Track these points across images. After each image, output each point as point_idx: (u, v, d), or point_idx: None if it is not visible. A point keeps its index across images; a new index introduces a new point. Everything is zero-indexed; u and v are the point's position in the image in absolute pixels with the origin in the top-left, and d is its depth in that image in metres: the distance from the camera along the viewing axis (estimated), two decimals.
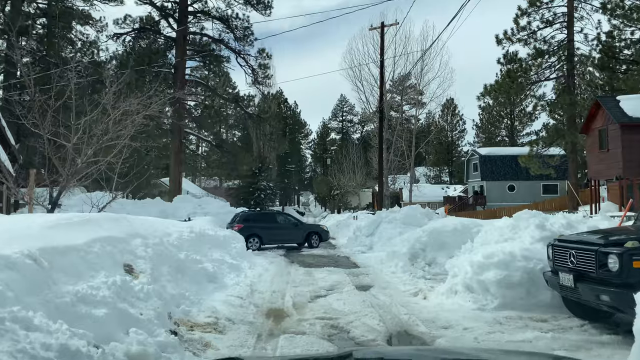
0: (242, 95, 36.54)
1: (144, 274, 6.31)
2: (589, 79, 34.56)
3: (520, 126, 57.72)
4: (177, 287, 6.94)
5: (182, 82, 34.43)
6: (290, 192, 75.67)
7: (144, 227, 8.08)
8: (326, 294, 8.98)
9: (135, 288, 5.61)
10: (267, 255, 16.19)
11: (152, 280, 6.24)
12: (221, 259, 10.01)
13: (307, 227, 21.47)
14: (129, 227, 7.45)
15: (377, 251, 17.01)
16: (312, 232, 20.64)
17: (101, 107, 10.86)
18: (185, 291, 7.06)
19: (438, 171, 67.49)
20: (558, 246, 6.44)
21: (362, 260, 14.92)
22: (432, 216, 18.36)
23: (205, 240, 10.24)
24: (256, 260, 13.05)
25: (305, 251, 18.71)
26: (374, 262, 13.71)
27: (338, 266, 13.45)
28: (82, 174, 10.44)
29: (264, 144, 38.07)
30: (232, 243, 11.85)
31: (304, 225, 21.49)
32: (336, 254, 17.37)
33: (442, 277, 10.93)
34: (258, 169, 43.82)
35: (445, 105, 54.66)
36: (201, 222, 13.13)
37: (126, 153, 11.45)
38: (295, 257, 16.33)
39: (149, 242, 7.28)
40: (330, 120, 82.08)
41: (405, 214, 18.11)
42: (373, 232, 18.41)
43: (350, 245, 18.99)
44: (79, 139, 9.98)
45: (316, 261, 15.01)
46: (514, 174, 44.60)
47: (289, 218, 21.59)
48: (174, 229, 9.39)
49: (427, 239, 11.99)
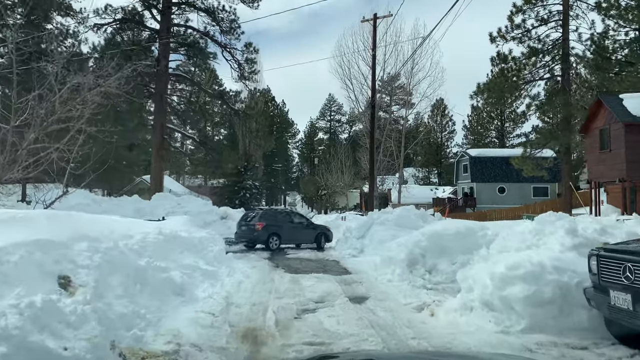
0: (227, 91, 35.02)
1: (84, 288, 4.89)
2: (583, 79, 33.62)
3: (511, 128, 56.85)
4: (130, 303, 5.52)
5: (165, 76, 32.84)
6: (277, 191, 74.17)
7: (96, 228, 6.64)
8: (315, 308, 7.63)
9: (66, 310, 4.20)
10: (249, 259, 14.77)
11: (94, 296, 4.82)
12: (194, 264, 8.60)
13: (318, 227, 20.46)
14: (74, 228, 6.01)
15: (369, 255, 15.70)
16: (320, 233, 19.78)
17: (48, 83, 9.30)
18: (141, 308, 5.63)
19: (427, 172, 66.40)
20: (607, 257, 5.15)
21: (354, 265, 13.56)
22: (427, 218, 17.10)
23: (176, 243, 8.81)
24: (236, 265, 11.63)
25: (291, 254, 17.31)
26: (367, 268, 12.37)
27: (327, 272, 12.08)
28: (21, 163, 8.91)
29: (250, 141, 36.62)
30: (209, 246, 10.43)
31: (314, 226, 20.55)
32: (324, 257, 16.00)
33: (445, 287, 9.66)
34: (244, 168, 42.32)
35: (435, 105, 53.75)
36: (175, 222, 11.70)
37: (82, 140, 9.92)
38: (280, 260, 14.93)
39: (99, 247, 5.85)
40: (318, 119, 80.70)
41: (398, 215, 16.82)
42: (364, 235, 17.10)
43: (339, 248, 17.65)
44: (22, 121, 8.49)
45: (303, 266, 13.63)
46: (504, 176, 43.68)
47: (303, 218, 20.93)
48: (138, 230, 7.95)
49: (427, 244, 10.69)
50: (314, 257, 16.30)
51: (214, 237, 11.93)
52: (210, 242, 11.03)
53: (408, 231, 16.26)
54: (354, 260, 14.62)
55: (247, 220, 18.79)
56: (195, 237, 10.09)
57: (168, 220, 12.47)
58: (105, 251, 5.86)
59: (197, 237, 10.24)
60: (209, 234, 11.45)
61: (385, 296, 8.66)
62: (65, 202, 22.34)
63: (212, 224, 21.78)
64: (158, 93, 32.62)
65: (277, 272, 11.91)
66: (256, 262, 13.93)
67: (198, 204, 22.93)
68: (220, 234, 21.62)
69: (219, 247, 11.12)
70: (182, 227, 10.89)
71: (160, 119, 32.56)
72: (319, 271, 12.26)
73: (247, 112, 34.12)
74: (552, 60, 32.46)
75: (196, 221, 22.20)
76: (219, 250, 10.81)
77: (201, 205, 22.81)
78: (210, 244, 10.86)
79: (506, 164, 44.26)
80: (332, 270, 12.48)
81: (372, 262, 13.05)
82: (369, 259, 14.56)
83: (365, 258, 14.98)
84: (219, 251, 10.73)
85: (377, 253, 15.76)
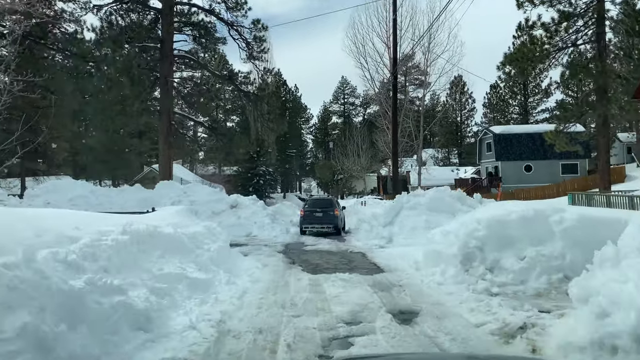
0: (236, 72, 32.43)
1: None
2: (620, 45, 30.37)
3: (535, 103, 53.23)
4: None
5: (169, 57, 30.37)
6: (292, 178, 71.75)
7: (17, 228, 4.21)
8: (348, 335, 5.15)
9: None
10: (260, 254, 12.30)
11: None
12: (178, 273, 6.16)
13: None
14: None
15: (399, 245, 13.20)
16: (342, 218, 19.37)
17: None
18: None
19: (446, 153, 63.10)
20: None
21: (385, 259, 11.02)
22: (466, 200, 14.48)
23: (152, 244, 6.36)
24: (242, 265, 9.19)
25: (309, 245, 14.85)
26: (404, 264, 9.82)
27: (354, 270, 9.58)
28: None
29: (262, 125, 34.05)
30: (204, 243, 7.99)
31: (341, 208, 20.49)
32: (348, 249, 13.50)
33: (516, 291, 7.12)
34: (256, 153, 39.93)
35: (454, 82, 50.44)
36: (165, 213, 9.30)
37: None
38: (296, 254, 12.47)
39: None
40: (331, 103, 77.62)
41: (431, 197, 14.23)
42: (392, 221, 14.57)
43: (363, 237, 15.16)
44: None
45: (324, 261, 11.16)
46: (530, 153, 40.65)
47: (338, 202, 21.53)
48: (94, 229, 5.51)
49: (486, 233, 8.10)
50: (335, 248, 13.80)
51: (214, 231, 9.47)
52: (207, 237, 8.59)
53: (445, 216, 13.76)
54: (384, 253, 12.10)
55: (320, 207, 18.91)
56: (184, 233, 7.64)
57: (157, 212, 10.04)
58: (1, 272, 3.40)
59: (187, 233, 7.79)
60: (206, 228, 8.99)
61: (443, 310, 6.13)
62: (63, 194, 20.24)
63: (221, 213, 19.43)
64: (163, 76, 30.18)
65: (293, 272, 9.44)
66: (268, 259, 11.49)
67: (205, 192, 20.56)
68: (230, 224, 19.36)
69: (218, 244, 8.66)
70: (173, 220, 8.46)
71: (167, 104, 30.21)
72: (344, 269, 9.77)
73: (257, 93, 31.57)
74: (584, 25, 29.35)
75: (203, 211, 19.90)
76: (219, 248, 8.34)
77: (209, 193, 20.44)
78: (207, 240, 8.42)
79: (532, 140, 41.26)
80: (360, 268, 9.98)
81: (406, 256, 10.54)
82: (400, 250, 12.06)
83: (396, 249, 12.46)
84: (218, 249, 8.27)
85: (408, 242, 13.30)
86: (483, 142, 43.93)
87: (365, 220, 17.63)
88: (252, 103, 33.08)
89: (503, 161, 40.78)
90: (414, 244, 12.85)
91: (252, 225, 18.83)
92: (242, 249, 13.73)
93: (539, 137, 41.80)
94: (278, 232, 18.27)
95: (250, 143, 38.14)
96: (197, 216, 20.38)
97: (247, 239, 17.13)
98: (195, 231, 8.39)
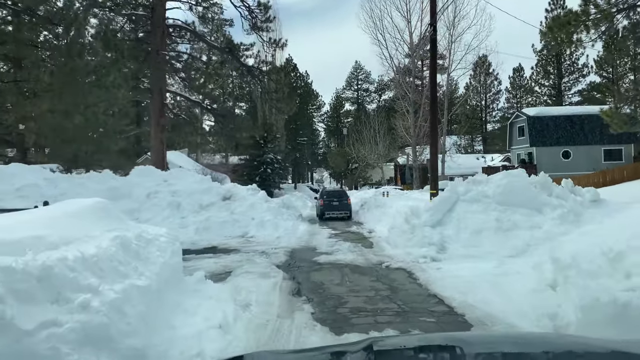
0: (237, 44, 27.72)
1: None
2: None
3: (570, 83, 47.60)
4: None
5: (161, 27, 25.75)
6: (303, 168, 67.05)
7: None
8: None
9: None
10: (249, 272, 7.71)
11: None
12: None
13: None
14: None
15: (459, 257, 8.57)
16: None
17: None
18: None
19: (470, 140, 57.66)
20: None
21: (453, 288, 6.30)
22: (553, 189, 9.70)
23: None
24: (193, 317, 4.58)
25: (323, 252, 10.27)
26: (511, 309, 5.14)
27: (410, 318, 4.97)
28: None
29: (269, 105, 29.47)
30: (106, 277, 3.36)
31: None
32: (381, 261, 8.84)
33: None
34: (263, 139, 35.29)
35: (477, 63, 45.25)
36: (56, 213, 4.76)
37: None
38: (304, 273, 7.88)
39: None
40: (344, 89, 72.38)
41: (505, 186, 9.48)
42: (442, 220, 9.86)
43: (400, 242, 10.44)
44: None
45: (349, 289, 6.56)
46: (569, 138, 35.62)
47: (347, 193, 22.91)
48: None
49: None
50: (362, 259, 9.16)
51: (149, 245, 4.88)
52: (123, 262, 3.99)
53: (526, 213, 9.06)
54: (445, 272, 7.41)
55: (337, 197, 21.09)
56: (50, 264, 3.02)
57: (44, 210, 5.41)
58: None
59: (61, 263, 3.17)
60: (122, 245, 4.35)
61: None
62: (9, 182, 15.91)
63: (209, 207, 14.88)
64: (154, 49, 25.60)
65: (296, 325, 4.84)
66: (261, 281, 6.94)
67: (191, 180, 15.99)
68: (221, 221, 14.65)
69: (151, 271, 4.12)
70: (61, 226, 3.92)
71: (159, 82, 25.71)
72: (388, 310, 5.19)
73: (261, 68, 26.90)
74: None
75: (187, 204, 15.35)
76: (138, 288, 3.74)
77: (196, 182, 15.87)
78: (121, 268, 3.85)
79: (571, 123, 36.16)
80: (418, 312, 5.31)
81: (493, 281, 5.91)
82: (468, 268, 7.41)
83: (460, 266, 7.78)
84: (131, 289, 3.66)
85: (473, 253, 8.63)
86: (514, 126, 38.85)
87: (395, 217, 12.97)
88: (256, 80, 28.41)
89: (538, 147, 35.75)
90: (485, 257, 8.23)
91: (249, 222, 14.31)
92: (222, 261, 9.17)
93: (579, 119, 36.78)
94: (282, 232, 13.75)
95: (256, 127, 33.59)
96: (179, 210, 16.03)
97: (240, 241, 12.58)
98: (91, 254, 3.78)
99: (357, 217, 20.15)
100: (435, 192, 14.90)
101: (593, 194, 9.62)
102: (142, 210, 14.80)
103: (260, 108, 31.92)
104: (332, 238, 13.13)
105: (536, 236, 8.49)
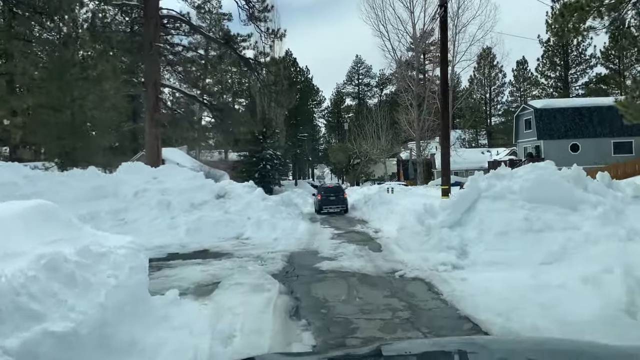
0: (233, 35, 26.40)
1: None
2: None
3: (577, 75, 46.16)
4: None
5: (155, 18, 24.42)
6: (304, 164, 65.70)
7: None
8: None
9: None
10: (239, 283, 6.46)
11: None
12: None
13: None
14: None
15: (483, 264, 7.37)
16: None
17: None
18: None
19: (474, 134, 56.22)
20: None
21: (494, 310, 5.00)
22: (588, 184, 8.42)
23: None
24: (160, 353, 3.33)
25: (326, 257, 9.03)
26: None
27: None
28: None
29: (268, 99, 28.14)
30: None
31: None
32: (393, 268, 7.60)
33: None
34: (262, 134, 34.01)
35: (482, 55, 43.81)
36: None
37: None
38: (304, 285, 6.63)
39: None
40: (344, 84, 70.87)
41: (533, 180, 8.21)
42: (461, 220, 8.60)
43: (410, 244, 9.18)
44: None
45: (359, 308, 5.31)
46: (577, 131, 34.31)
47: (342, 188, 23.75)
48: None
49: None
50: (372, 267, 7.91)
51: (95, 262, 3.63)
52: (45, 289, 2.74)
53: (559, 211, 7.80)
54: (473, 285, 6.14)
55: (333, 193, 21.97)
56: None
57: None
58: None
59: None
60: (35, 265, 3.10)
61: None
62: None
63: (202, 206, 13.63)
64: (147, 41, 24.30)
65: None
66: (252, 297, 5.72)
67: (182, 177, 14.74)
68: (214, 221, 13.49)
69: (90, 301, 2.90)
70: None
71: (153, 75, 24.40)
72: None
73: (259, 59, 25.62)
74: None
75: (178, 203, 14.10)
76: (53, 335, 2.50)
77: (187, 178, 14.62)
78: (34, 303, 2.61)
79: (580, 116, 34.81)
80: None
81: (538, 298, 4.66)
82: (500, 280, 6.15)
83: (487, 276, 6.52)
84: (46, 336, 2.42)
85: (499, 259, 7.38)
86: (520, 119, 37.51)
87: (405, 215, 11.72)
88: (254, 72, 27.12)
89: (545, 140, 34.44)
90: (514, 264, 6.99)
91: (244, 222, 13.06)
92: (211, 268, 7.92)
93: (587, 111, 35.43)
94: (280, 232, 12.51)
95: (254, 121, 32.28)
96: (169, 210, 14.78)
97: (234, 243, 11.33)
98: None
99: (361, 215, 18.90)
100: (447, 187, 13.71)
101: (634, 188, 8.34)
102: (129, 210, 13.55)
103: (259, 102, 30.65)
104: (335, 239, 11.89)
105: (574, 239, 7.22)
